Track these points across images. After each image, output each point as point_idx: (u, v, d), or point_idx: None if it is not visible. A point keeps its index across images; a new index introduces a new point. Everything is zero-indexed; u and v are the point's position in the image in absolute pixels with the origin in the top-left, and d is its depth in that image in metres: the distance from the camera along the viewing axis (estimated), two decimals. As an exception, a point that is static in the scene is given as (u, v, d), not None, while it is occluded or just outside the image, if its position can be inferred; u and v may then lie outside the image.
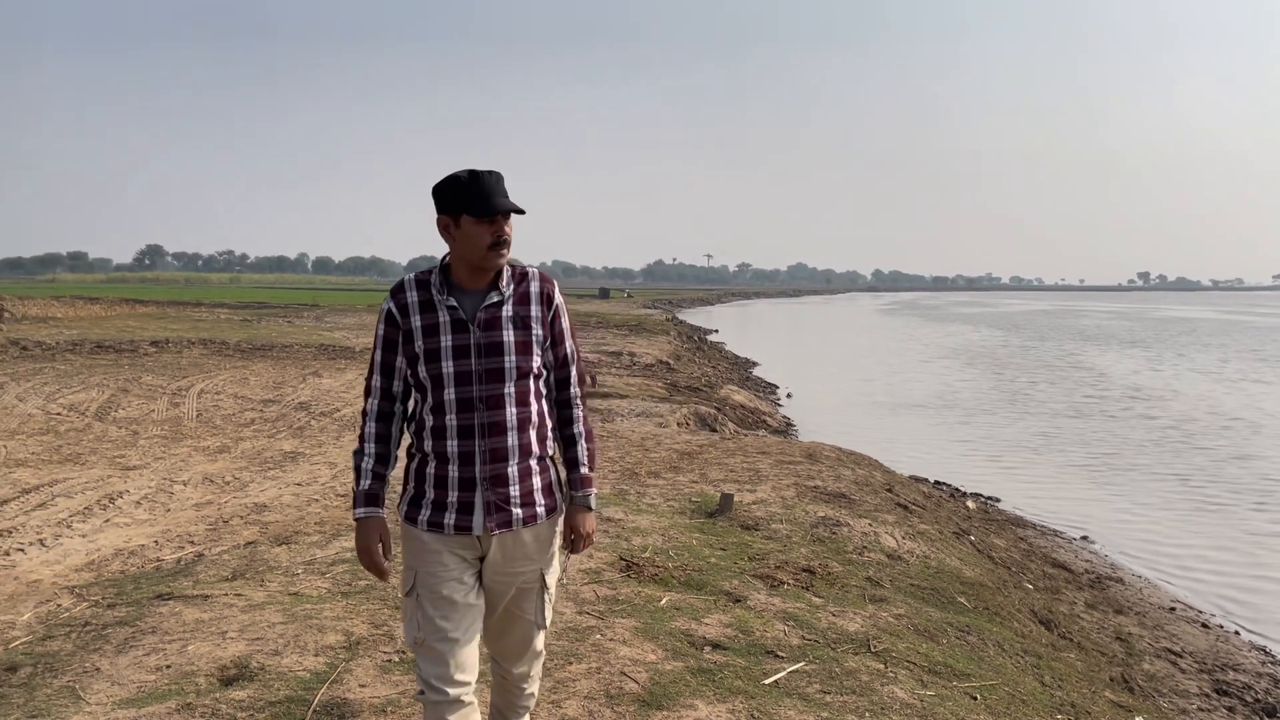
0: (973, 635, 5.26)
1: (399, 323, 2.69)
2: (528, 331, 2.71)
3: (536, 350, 2.73)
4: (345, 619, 4.74)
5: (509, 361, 2.67)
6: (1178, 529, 10.72)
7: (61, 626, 4.88)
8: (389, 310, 2.71)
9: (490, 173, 2.63)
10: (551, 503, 2.80)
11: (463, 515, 2.67)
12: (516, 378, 2.68)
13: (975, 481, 12.78)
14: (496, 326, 2.67)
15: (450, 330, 2.65)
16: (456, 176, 2.63)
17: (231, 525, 7.14)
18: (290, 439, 10.93)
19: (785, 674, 4.22)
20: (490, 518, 2.67)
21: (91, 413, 12.52)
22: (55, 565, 6.11)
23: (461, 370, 2.64)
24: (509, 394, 2.67)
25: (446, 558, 2.69)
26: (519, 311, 2.71)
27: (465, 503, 2.67)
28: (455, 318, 2.65)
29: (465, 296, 2.68)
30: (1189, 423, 18.37)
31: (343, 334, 30.65)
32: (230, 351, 22.53)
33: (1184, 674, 6.51)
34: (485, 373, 2.65)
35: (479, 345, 2.65)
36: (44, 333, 26.32)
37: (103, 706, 3.79)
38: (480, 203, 2.60)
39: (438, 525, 2.68)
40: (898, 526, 7.31)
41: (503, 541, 2.71)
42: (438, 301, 2.67)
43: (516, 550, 2.74)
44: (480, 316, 2.67)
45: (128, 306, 46.39)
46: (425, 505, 2.71)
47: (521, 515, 2.71)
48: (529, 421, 2.72)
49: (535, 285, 2.76)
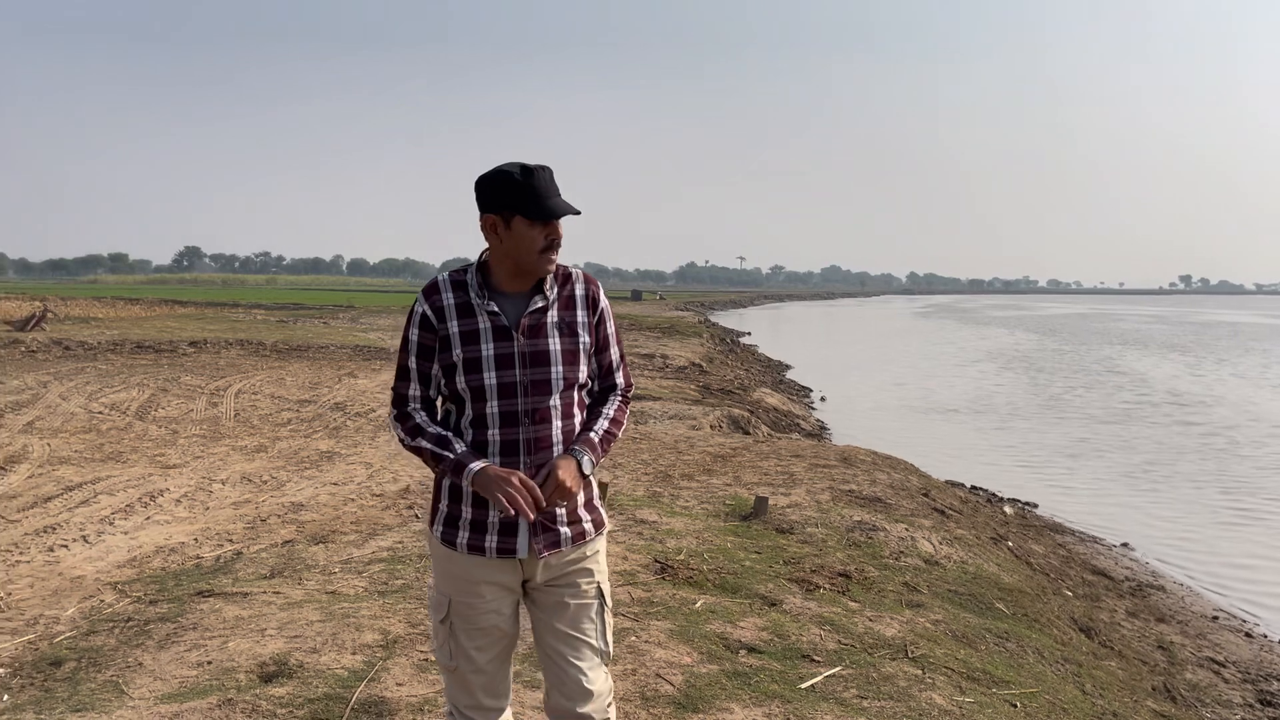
0: (1012, 642, 5.20)
1: (435, 327, 2.46)
2: (575, 339, 2.49)
3: (583, 359, 2.51)
4: (382, 618, 4.77)
5: (556, 372, 2.45)
6: (1220, 537, 10.54)
7: (105, 622, 4.95)
8: (423, 313, 2.47)
9: (543, 168, 2.41)
10: (598, 517, 2.59)
11: (505, 537, 2.44)
12: (563, 389, 2.47)
13: (1012, 487, 12.64)
14: (542, 334, 2.45)
15: (492, 338, 2.42)
16: (507, 172, 2.39)
17: (269, 524, 7.21)
18: (326, 439, 11.02)
19: (822, 678, 4.19)
20: (537, 539, 2.45)
21: (132, 412, 12.71)
22: (98, 561, 6.20)
23: (505, 382, 2.42)
24: (555, 406, 2.46)
25: (485, 589, 2.47)
26: (565, 317, 2.49)
27: (508, 523, 2.44)
28: (497, 324, 2.43)
29: (507, 301, 2.46)
30: (1231, 429, 18.06)
31: (377, 335, 30.89)
32: (267, 352, 22.78)
33: (1227, 684, 6.40)
34: (531, 384, 2.43)
35: (524, 354, 2.43)
36: (86, 333, 26.76)
37: (145, 701, 3.84)
38: (536, 203, 2.38)
39: (478, 548, 2.45)
40: (935, 531, 7.25)
41: (549, 562, 2.48)
42: (477, 305, 2.44)
43: (566, 566, 2.51)
44: (524, 323, 2.44)
45: (167, 307, 47.08)
46: (463, 526, 2.47)
47: (570, 534, 2.50)
48: (574, 435, 2.51)
49: (580, 288, 2.55)
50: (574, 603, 2.51)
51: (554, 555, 2.47)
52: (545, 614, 2.52)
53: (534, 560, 2.46)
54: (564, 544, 2.48)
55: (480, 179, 2.44)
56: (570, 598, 2.51)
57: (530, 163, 2.40)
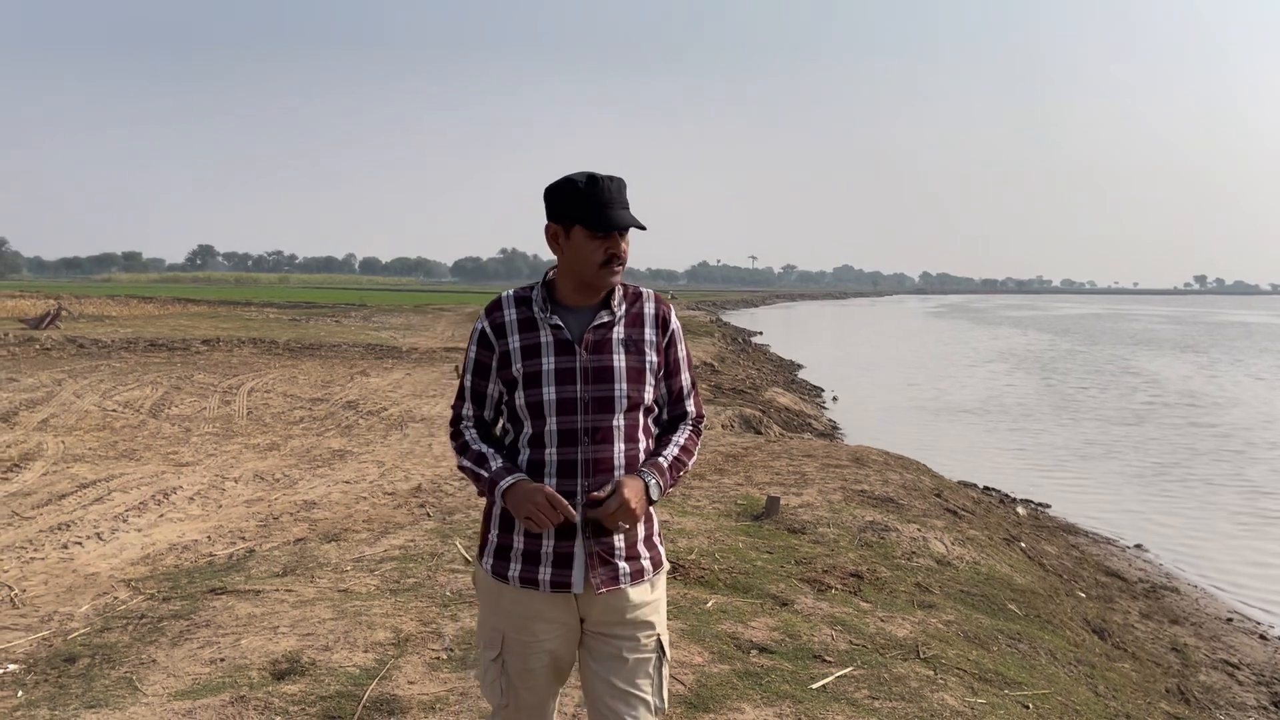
0: (1024, 643, 5.18)
1: (493, 344, 2.37)
2: (640, 357, 2.37)
3: (649, 379, 2.39)
4: (394, 616, 4.79)
5: (619, 389, 2.33)
6: (1235, 539, 10.48)
7: (118, 619, 4.98)
8: (482, 331, 2.38)
9: (612, 179, 2.31)
10: (657, 555, 2.44)
11: (560, 569, 2.30)
12: (626, 408, 2.34)
13: (1025, 487, 12.59)
14: (606, 349, 2.34)
15: (554, 351, 2.32)
16: (573, 180, 2.30)
17: (281, 522, 7.24)
18: (338, 437, 11.05)
19: (833, 679, 4.18)
20: (594, 573, 2.30)
21: (146, 410, 12.77)
22: (112, 559, 6.24)
23: (565, 397, 2.30)
24: (618, 427, 2.33)
25: (539, 626, 2.33)
26: (631, 334, 2.38)
27: (563, 554, 2.30)
28: (560, 338, 2.33)
29: (571, 315, 2.36)
30: (1246, 431, 17.96)
31: (389, 334, 30.97)
32: (279, 350, 22.86)
33: (1241, 686, 6.36)
34: (592, 401, 2.31)
35: (585, 370, 2.32)
36: (100, 331, 26.91)
37: (159, 697, 3.85)
38: (596, 214, 2.28)
39: (531, 581, 2.31)
40: (947, 532, 7.23)
41: (607, 603, 2.33)
42: (540, 319, 2.34)
43: (625, 612, 2.34)
44: (588, 338, 2.33)
45: (180, 306, 47.30)
46: (515, 557, 2.33)
47: (629, 570, 2.34)
48: (638, 461, 2.37)
49: (650, 307, 2.44)
50: (632, 658, 2.36)
51: (612, 594, 2.32)
52: (600, 665, 2.37)
53: (590, 596, 2.32)
54: (622, 580, 2.33)
55: (547, 188, 2.36)
56: (629, 652, 2.35)
57: (601, 172, 2.31)
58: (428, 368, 19.54)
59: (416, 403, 14.05)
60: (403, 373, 18.38)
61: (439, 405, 13.83)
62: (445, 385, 16.39)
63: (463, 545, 6.22)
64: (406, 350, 23.90)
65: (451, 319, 41.27)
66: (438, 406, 13.69)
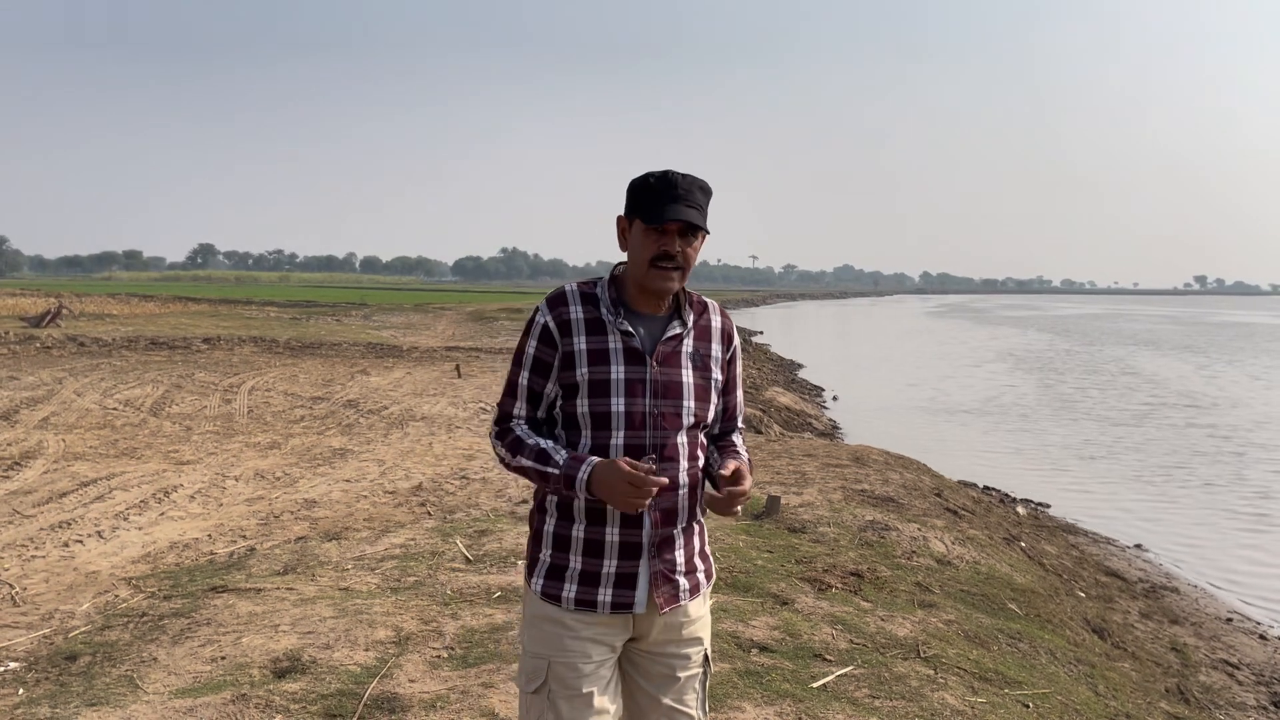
0: (1024, 642, 5.18)
1: (557, 342, 2.20)
2: (707, 374, 2.27)
3: (714, 397, 2.29)
4: (395, 614, 4.79)
5: (687, 406, 2.22)
6: (1234, 539, 10.48)
7: (119, 617, 4.98)
8: (545, 325, 2.21)
9: (686, 176, 2.18)
10: (709, 566, 2.37)
11: (622, 590, 2.18)
12: (691, 425, 2.24)
13: (1025, 487, 12.59)
14: (675, 363, 2.22)
15: (623, 359, 2.19)
16: (646, 175, 2.20)
17: (282, 520, 7.25)
18: (339, 436, 11.06)
19: (834, 678, 4.19)
20: (658, 591, 2.20)
21: (146, 408, 12.78)
22: (113, 557, 6.24)
23: (634, 410, 2.17)
24: (682, 444, 2.22)
25: (591, 648, 2.19)
26: (700, 349, 2.28)
27: (626, 574, 2.18)
28: (630, 345, 2.19)
29: (640, 322, 2.23)
30: (1245, 431, 17.96)
31: (390, 333, 30.99)
32: (280, 349, 22.87)
33: (1241, 686, 6.37)
34: (660, 416, 2.19)
35: (655, 383, 2.19)
36: (101, 329, 26.93)
37: (160, 696, 3.86)
38: (651, 206, 2.15)
39: (589, 604, 2.18)
40: (947, 531, 7.23)
41: (667, 621, 2.24)
42: (609, 323, 2.20)
43: (681, 629, 2.27)
44: (660, 350, 2.21)
45: (181, 304, 47.34)
46: (570, 578, 2.20)
47: (687, 585, 2.26)
48: (699, 481, 2.28)
49: (717, 320, 2.33)
50: (684, 675, 2.28)
51: (672, 612, 2.23)
52: (649, 683, 2.28)
53: (651, 616, 2.21)
54: (682, 597, 2.25)
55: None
56: (680, 670, 2.28)
57: (682, 172, 2.19)
58: (428, 367, 19.55)
59: (417, 401, 14.06)
60: (403, 371, 18.39)
61: (439, 404, 13.84)
62: (446, 384, 16.41)
63: (463, 544, 6.22)
64: (407, 349, 23.91)
65: (452, 318, 41.28)
66: (438, 405, 13.70)
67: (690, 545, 2.27)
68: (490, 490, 8.26)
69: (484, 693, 3.88)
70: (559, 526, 2.23)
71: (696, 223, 2.15)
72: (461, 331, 32.77)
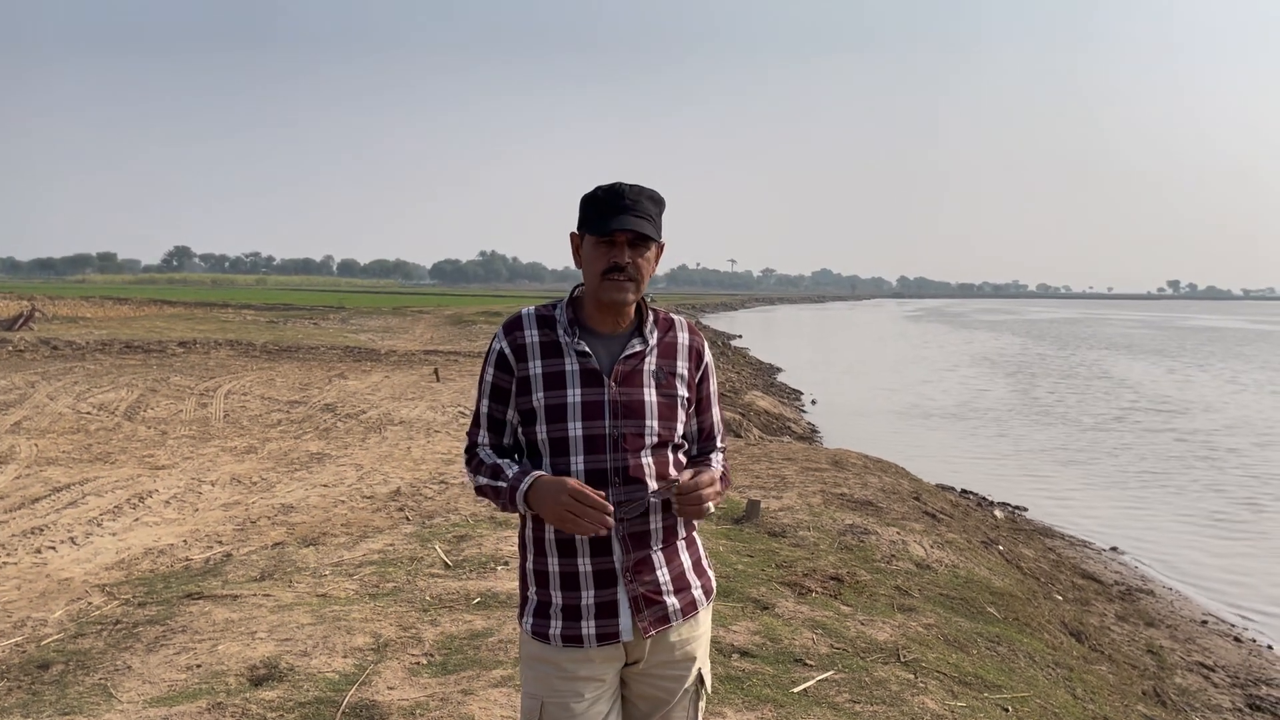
0: (1003, 646, 5.20)
1: (513, 368, 2.17)
2: (672, 392, 2.21)
3: (680, 415, 2.23)
4: (373, 621, 4.75)
5: (650, 426, 2.16)
6: (1209, 541, 10.58)
7: (93, 624, 4.92)
8: (501, 352, 2.19)
9: (633, 187, 2.14)
10: (707, 582, 2.30)
11: (604, 620, 2.14)
12: (655, 445, 2.18)
13: (1002, 491, 12.67)
14: (637, 382, 2.17)
15: (580, 382, 2.14)
16: (594, 190, 2.17)
17: (259, 526, 7.18)
18: (316, 440, 10.98)
19: (814, 682, 4.19)
20: (641, 616, 2.15)
21: (121, 412, 12.64)
22: (86, 563, 6.17)
23: (592, 434, 2.12)
24: (647, 464, 2.16)
25: (583, 685, 2.15)
26: (663, 366, 2.21)
27: (605, 603, 2.14)
28: (586, 367, 2.15)
29: (598, 341, 2.18)
30: (1216, 434, 18.15)
31: (368, 336, 30.83)
32: (257, 353, 22.70)
33: (1216, 688, 6.42)
34: (622, 438, 2.14)
35: (615, 404, 2.14)
36: (74, 333, 26.64)
37: (134, 704, 3.81)
38: (600, 219, 2.12)
39: (575, 639, 2.14)
40: (926, 535, 7.26)
41: (658, 643, 2.19)
42: (564, 344, 2.16)
43: (675, 649, 2.22)
44: (619, 369, 2.16)
45: (156, 307, 46.92)
46: (555, 615, 2.15)
47: (679, 605, 2.20)
48: (669, 501, 2.21)
49: (684, 336, 2.27)
50: (674, 695, 2.25)
51: (662, 634, 2.19)
52: (642, 703, 2.26)
53: (640, 641, 2.17)
54: (673, 618, 2.19)
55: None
56: (672, 690, 2.24)
57: (629, 183, 2.16)
58: (406, 370, 19.46)
59: (395, 405, 13.98)
60: (381, 375, 18.29)
61: (418, 408, 13.77)
62: (424, 388, 16.33)
63: (442, 549, 6.19)
64: (385, 353, 23.79)
65: (430, 321, 41.12)
66: (416, 409, 13.63)
67: (677, 563, 2.22)
68: (469, 495, 8.22)
69: (463, 699, 3.85)
70: (536, 563, 2.20)
71: (645, 232, 2.11)
72: (440, 335, 32.64)
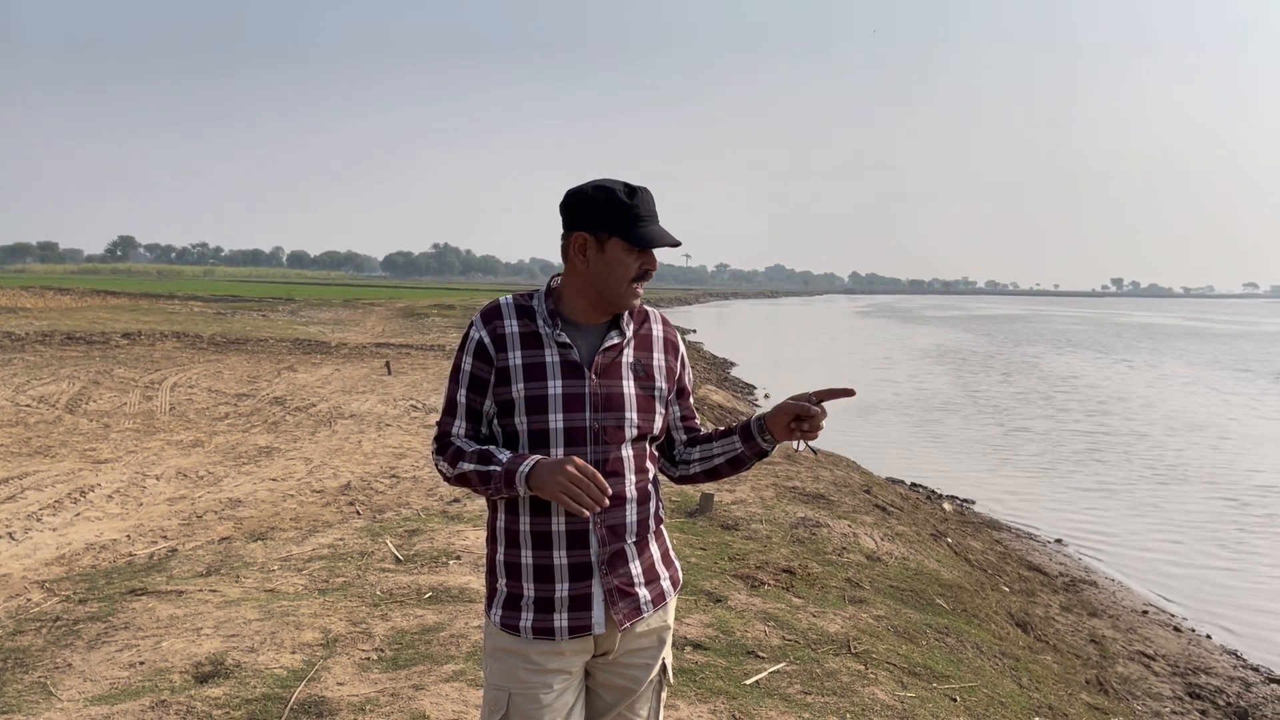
0: (951, 637, 5.27)
1: (492, 358, 2.13)
2: (650, 384, 2.21)
3: (658, 407, 2.22)
4: (322, 616, 4.69)
5: (629, 418, 2.15)
6: (1149, 533, 10.81)
7: (31, 621, 4.80)
8: (480, 340, 2.14)
9: (646, 190, 2.13)
10: (674, 573, 2.30)
11: (578, 612, 2.12)
12: (635, 437, 2.17)
13: (950, 483, 12.84)
14: (616, 374, 2.16)
15: (560, 373, 2.11)
16: (609, 188, 2.10)
17: (205, 520, 7.06)
18: (265, 434, 10.82)
19: (766, 674, 4.21)
20: (615, 608, 2.14)
21: (62, 405, 12.35)
22: (25, 559, 6.02)
23: (573, 426, 2.10)
24: (626, 457, 2.15)
25: (553, 678, 2.13)
26: (640, 358, 2.21)
27: (580, 595, 2.12)
28: (567, 359, 2.12)
29: (578, 333, 2.16)
30: (1152, 426, 18.56)
31: (318, 329, 30.43)
32: (204, 345, 22.31)
33: (1157, 677, 6.57)
34: (602, 430, 2.12)
35: (595, 396, 2.12)
36: (12, 324, 25.97)
37: (75, 703, 3.72)
38: (638, 227, 2.09)
39: (546, 631, 2.12)
40: (876, 528, 7.33)
41: (627, 634, 2.19)
42: (545, 335, 2.13)
43: (642, 640, 2.22)
44: (599, 361, 2.14)
45: (99, 298, 45.88)
46: (526, 606, 2.13)
47: (649, 596, 2.20)
48: (648, 494, 2.21)
49: (659, 329, 2.27)
50: (639, 685, 2.24)
51: (633, 625, 2.18)
52: (606, 693, 2.25)
53: (613, 633, 2.16)
54: (645, 609, 2.19)
55: (575, 193, 2.14)
56: (638, 681, 2.24)
57: (637, 184, 2.13)
58: (357, 363, 19.24)
59: (346, 399, 13.83)
60: (331, 368, 18.08)
61: (369, 401, 13.63)
62: (375, 381, 16.16)
63: (393, 544, 6.13)
64: (335, 345, 23.51)
65: (382, 314, 40.71)
66: (368, 403, 13.49)
67: (647, 555, 2.22)
68: (421, 489, 8.15)
69: (414, 695, 3.82)
70: (508, 554, 2.16)
71: (676, 242, 2.15)
72: (392, 328, 32.32)
